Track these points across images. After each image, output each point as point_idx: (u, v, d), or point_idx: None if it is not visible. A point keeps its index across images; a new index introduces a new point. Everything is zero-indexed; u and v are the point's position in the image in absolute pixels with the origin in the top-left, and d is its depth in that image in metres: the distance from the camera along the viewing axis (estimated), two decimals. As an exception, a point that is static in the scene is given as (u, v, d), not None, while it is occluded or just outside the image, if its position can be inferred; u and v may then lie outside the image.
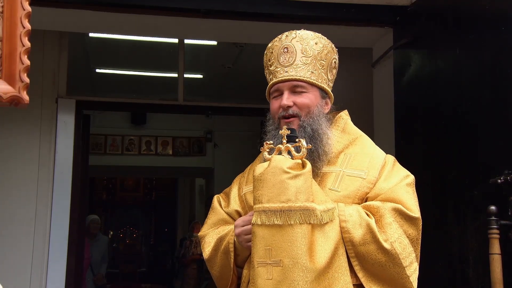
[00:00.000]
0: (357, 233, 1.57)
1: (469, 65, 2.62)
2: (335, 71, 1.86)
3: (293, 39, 1.77)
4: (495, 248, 2.24)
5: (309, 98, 1.75)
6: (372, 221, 1.59)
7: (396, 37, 3.37)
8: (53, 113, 4.27)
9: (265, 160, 1.63)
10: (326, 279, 1.51)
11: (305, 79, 1.74)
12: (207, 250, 1.82)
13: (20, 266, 3.99)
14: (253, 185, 1.60)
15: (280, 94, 1.77)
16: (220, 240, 1.78)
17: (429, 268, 2.71)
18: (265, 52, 1.87)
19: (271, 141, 1.67)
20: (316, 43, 1.77)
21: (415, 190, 1.72)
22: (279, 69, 1.77)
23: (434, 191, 2.80)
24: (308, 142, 1.64)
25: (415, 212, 1.64)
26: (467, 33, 2.65)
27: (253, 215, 1.58)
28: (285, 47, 1.77)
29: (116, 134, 8.88)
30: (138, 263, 13.43)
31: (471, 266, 2.48)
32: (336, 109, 1.89)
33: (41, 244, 4.08)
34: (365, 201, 1.68)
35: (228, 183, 2.02)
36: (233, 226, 1.75)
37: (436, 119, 2.86)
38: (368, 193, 1.68)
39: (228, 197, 1.92)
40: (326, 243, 1.53)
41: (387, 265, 1.57)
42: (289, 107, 1.74)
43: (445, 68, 2.83)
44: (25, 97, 1.07)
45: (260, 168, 1.58)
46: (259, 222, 1.53)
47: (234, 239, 1.73)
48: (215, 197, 1.96)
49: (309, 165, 1.57)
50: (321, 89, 1.79)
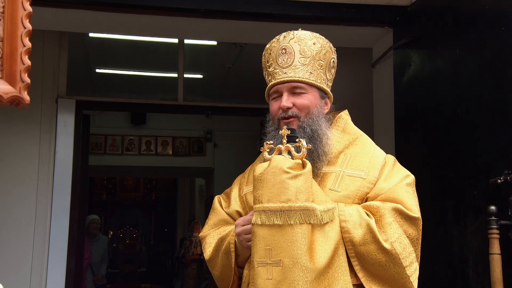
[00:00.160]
0: (357, 233, 1.57)
1: (469, 65, 2.61)
2: (333, 70, 1.86)
3: (291, 39, 1.77)
4: (495, 248, 2.24)
5: (308, 99, 1.75)
6: (372, 221, 1.59)
7: (396, 37, 3.37)
8: (53, 113, 4.27)
9: (265, 160, 1.63)
10: (326, 279, 1.51)
11: (304, 80, 1.74)
12: (208, 250, 1.82)
13: (20, 266, 3.98)
14: (253, 185, 1.60)
15: (279, 95, 1.77)
16: (221, 241, 1.78)
17: (429, 268, 2.71)
18: (263, 53, 1.86)
19: (271, 141, 1.67)
20: (314, 43, 1.77)
21: (415, 190, 1.72)
22: (277, 70, 1.77)
23: (434, 191, 2.80)
24: (307, 143, 1.64)
25: (415, 212, 1.64)
26: (467, 33, 2.65)
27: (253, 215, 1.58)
28: (283, 48, 1.76)
29: (116, 134, 8.88)
30: (138, 263, 13.44)
31: (471, 266, 2.48)
32: (336, 108, 1.89)
33: (41, 244, 4.07)
34: (365, 201, 1.68)
35: (228, 183, 2.02)
36: (233, 227, 1.75)
37: (436, 119, 2.85)
38: (368, 193, 1.68)
39: (228, 198, 1.92)
40: (326, 243, 1.53)
41: (387, 265, 1.57)
42: (289, 108, 1.74)
43: (445, 68, 2.83)
44: (26, 97, 1.07)
45: (260, 168, 1.58)
46: (259, 222, 1.53)
47: (235, 239, 1.73)
48: (216, 198, 1.96)
49: (309, 165, 1.57)
50: (320, 90, 1.79)
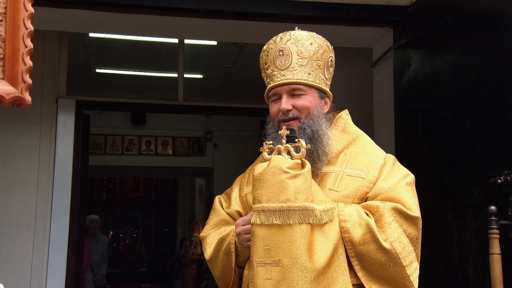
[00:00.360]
0: (357, 233, 1.57)
1: (469, 65, 2.61)
2: (332, 69, 1.85)
3: (287, 41, 1.76)
4: (495, 248, 2.24)
5: (308, 100, 1.75)
6: (372, 221, 1.59)
7: (396, 37, 3.37)
8: (53, 113, 4.27)
9: (265, 161, 1.63)
10: (325, 279, 1.51)
11: (302, 81, 1.74)
12: (208, 251, 1.82)
13: (20, 266, 3.98)
14: (252, 185, 1.60)
15: (279, 97, 1.77)
16: (222, 241, 1.78)
17: (429, 268, 2.71)
18: (260, 55, 1.86)
19: (271, 142, 1.67)
20: (311, 43, 1.76)
21: (415, 189, 1.72)
22: (275, 72, 1.77)
23: (434, 191, 2.80)
24: (308, 143, 1.64)
25: (415, 211, 1.64)
26: (467, 33, 2.65)
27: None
28: (280, 50, 1.76)
29: (116, 134, 8.88)
30: (138, 263, 13.44)
31: (471, 266, 2.48)
32: (336, 108, 1.89)
33: (41, 244, 4.07)
34: (365, 200, 1.68)
35: (228, 183, 2.02)
36: (234, 227, 1.75)
37: (436, 119, 2.85)
38: (368, 192, 1.68)
39: (229, 198, 1.92)
40: (325, 243, 1.53)
41: (387, 265, 1.57)
42: (289, 110, 1.73)
43: (445, 68, 2.83)
44: (27, 98, 1.07)
45: (259, 168, 1.58)
46: (258, 222, 1.53)
47: (235, 239, 1.73)
48: (217, 198, 1.96)
49: (308, 165, 1.57)
50: (319, 90, 1.78)
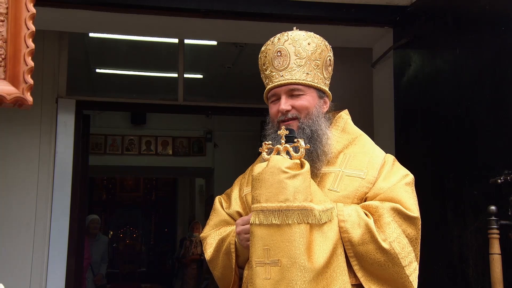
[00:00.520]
0: (356, 233, 1.57)
1: (469, 65, 2.61)
2: (330, 68, 1.85)
3: (285, 41, 1.76)
4: (495, 248, 2.24)
5: (307, 100, 1.75)
6: (371, 221, 1.58)
7: (396, 37, 3.37)
8: (53, 113, 4.27)
9: (264, 161, 1.63)
10: (324, 279, 1.51)
11: (301, 82, 1.74)
12: (209, 251, 1.82)
13: (20, 266, 3.98)
14: (251, 185, 1.60)
15: (278, 98, 1.77)
16: (222, 241, 1.78)
17: (429, 268, 2.71)
18: (259, 56, 1.86)
19: (270, 142, 1.67)
20: (309, 43, 1.76)
21: (414, 189, 1.71)
22: (274, 73, 1.77)
23: (434, 191, 2.79)
24: (307, 143, 1.64)
25: (414, 211, 1.64)
26: (467, 33, 2.65)
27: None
28: (278, 51, 1.76)
29: (116, 134, 8.88)
30: (138, 263, 13.44)
31: (471, 266, 2.48)
32: (336, 108, 1.89)
33: (41, 244, 4.07)
34: (365, 201, 1.68)
35: (228, 183, 2.02)
36: (234, 227, 1.75)
37: (436, 119, 2.85)
38: (367, 193, 1.68)
39: (229, 198, 1.92)
40: (324, 243, 1.53)
41: (386, 265, 1.57)
42: (288, 111, 1.74)
43: (445, 68, 2.83)
44: (28, 98, 1.07)
45: (258, 168, 1.58)
46: (257, 222, 1.53)
47: (235, 239, 1.73)
48: (217, 198, 1.96)
49: (307, 165, 1.57)
50: (318, 89, 1.78)
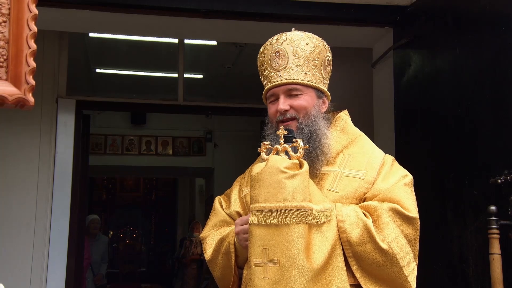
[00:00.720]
0: (355, 233, 1.57)
1: (469, 65, 2.61)
2: (329, 68, 1.85)
3: (283, 42, 1.76)
4: (495, 248, 2.24)
5: (305, 100, 1.75)
6: (369, 221, 1.59)
7: (396, 37, 3.37)
8: (53, 113, 4.27)
9: (263, 161, 1.63)
10: (323, 279, 1.51)
11: (299, 81, 1.74)
12: (208, 251, 1.82)
13: (20, 266, 3.98)
14: (250, 185, 1.60)
15: (276, 98, 1.77)
16: (221, 241, 1.79)
17: (429, 268, 2.71)
18: (258, 57, 1.86)
19: (269, 142, 1.67)
20: (307, 44, 1.76)
21: (413, 190, 1.71)
22: (272, 73, 1.77)
23: (434, 191, 2.79)
24: (306, 143, 1.64)
25: (413, 212, 1.64)
26: (467, 33, 2.65)
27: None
28: (277, 51, 1.76)
29: (116, 134, 8.88)
30: (138, 263, 13.44)
31: (471, 266, 2.48)
32: (336, 108, 1.89)
33: (41, 244, 4.07)
34: (363, 201, 1.68)
35: (228, 183, 2.02)
36: (233, 227, 1.75)
37: (436, 119, 2.85)
38: (366, 193, 1.68)
39: (229, 199, 1.92)
40: (323, 243, 1.53)
41: (384, 265, 1.57)
42: (286, 111, 1.74)
43: (445, 68, 2.83)
44: (30, 99, 1.06)
45: (257, 168, 1.58)
46: (255, 222, 1.53)
47: (235, 239, 1.73)
48: (216, 199, 1.97)
49: (306, 165, 1.57)
50: (317, 89, 1.79)
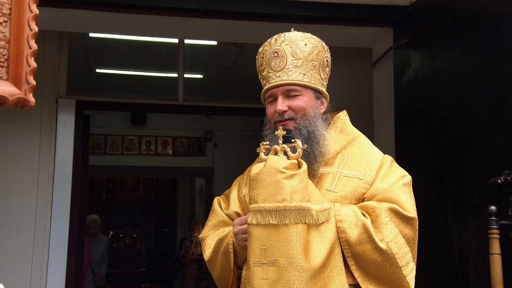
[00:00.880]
0: (353, 233, 1.57)
1: (469, 65, 2.61)
2: (328, 69, 1.85)
3: (282, 42, 1.76)
4: (495, 248, 2.24)
5: (303, 100, 1.75)
6: (368, 221, 1.59)
7: (396, 37, 3.37)
8: (53, 113, 4.27)
9: (261, 161, 1.63)
10: (321, 279, 1.51)
11: (297, 82, 1.74)
12: (207, 252, 1.83)
13: (20, 266, 3.98)
14: (249, 185, 1.60)
15: (275, 99, 1.77)
16: (220, 242, 1.79)
17: (429, 268, 2.71)
18: (256, 57, 1.86)
19: (267, 142, 1.67)
20: (305, 44, 1.76)
21: (412, 190, 1.71)
22: (271, 74, 1.77)
23: (434, 191, 2.79)
24: (304, 144, 1.64)
25: (411, 212, 1.64)
26: (467, 33, 2.65)
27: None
28: (275, 52, 1.76)
29: (116, 134, 8.88)
30: (138, 263, 13.45)
31: (471, 266, 2.48)
32: (336, 108, 1.89)
33: (41, 244, 4.07)
34: (362, 201, 1.68)
35: (228, 183, 2.02)
36: (232, 228, 1.75)
37: (436, 119, 2.85)
38: (365, 193, 1.68)
39: (228, 199, 1.92)
40: (321, 243, 1.53)
41: (383, 265, 1.57)
42: (284, 112, 1.74)
43: (445, 68, 2.83)
44: (31, 99, 1.06)
45: (256, 168, 1.58)
46: (254, 222, 1.53)
47: (234, 240, 1.73)
48: (216, 199, 1.97)
49: (304, 165, 1.57)
50: (315, 90, 1.79)
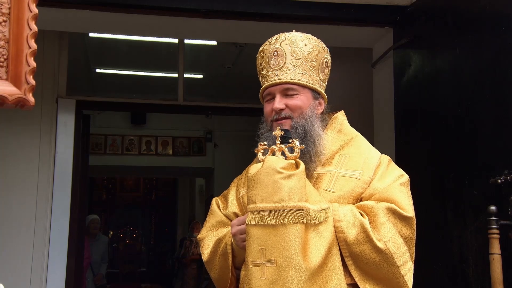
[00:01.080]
0: (351, 233, 1.57)
1: (469, 65, 2.61)
2: (327, 70, 1.86)
3: (282, 42, 1.77)
4: (495, 248, 2.24)
5: (301, 100, 1.75)
6: (366, 221, 1.59)
7: (396, 37, 3.37)
8: (53, 113, 4.27)
9: (259, 161, 1.63)
10: (320, 279, 1.51)
11: (295, 81, 1.75)
12: (206, 252, 1.83)
13: (20, 266, 3.98)
14: (247, 186, 1.60)
15: (273, 97, 1.78)
16: (218, 242, 1.79)
17: (429, 268, 2.71)
18: (257, 56, 1.87)
19: (265, 142, 1.67)
20: (305, 44, 1.77)
21: (409, 189, 1.72)
22: (270, 72, 1.78)
23: (434, 191, 2.80)
24: (300, 143, 1.64)
25: (409, 211, 1.64)
26: (467, 33, 2.65)
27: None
28: (275, 51, 1.77)
29: (116, 134, 8.88)
30: (138, 263, 13.45)
31: (471, 266, 2.48)
32: (335, 108, 1.89)
33: (41, 244, 4.07)
34: (360, 201, 1.68)
35: (228, 183, 2.02)
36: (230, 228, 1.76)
37: (436, 119, 2.85)
38: (363, 193, 1.68)
39: (226, 200, 1.93)
40: (320, 242, 1.53)
41: (381, 265, 1.57)
42: (281, 110, 1.74)
43: (445, 68, 2.83)
44: (30, 99, 1.06)
45: (254, 168, 1.59)
46: (252, 222, 1.53)
47: (232, 240, 1.73)
48: (214, 200, 1.97)
49: (302, 165, 1.57)
50: (313, 90, 1.79)
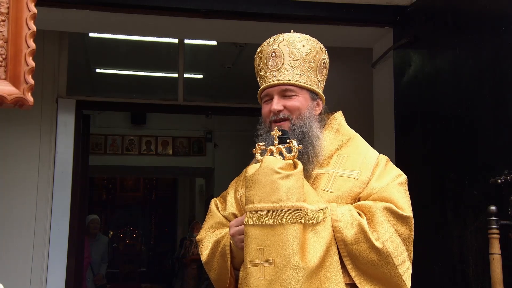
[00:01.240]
0: (349, 233, 1.58)
1: (469, 65, 2.61)
2: (325, 71, 1.86)
3: (280, 43, 1.77)
4: (495, 248, 2.24)
5: (299, 101, 1.76)
6: (364, 221, 1.59)
7: (396, 37, 3.37)
8: (53, 113, 4.27)
9: (257, 162, 1.63)
10: (318, 278, 1.51)
11: (293, 82, 1.75)
12: (204, 253, 1.83)
13: (20, 266, 3.98)
14: (245, 186, 1.61)
15: (271, 98, 1.78)
16: (217, 243, 1.79)
17: (429, 268, 2.71)
18: (255, 57, 1.87)
19: (263, 143, 1.68)
20: (303, 45, 1.77)
21: (407, 189, 1.72)
22: (268, 73, 1.78)
23: (434, 191, 2.80)
24: (298, 144, 1.64)
25: (407, 211, 1.64)
26: (467, 33, 2.65)
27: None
28: (273, 52, 1.77)
29: (116, 134, 8.88)
30: (138, 263, 13.45)
31: (471, 266, 2.48)
32: (335, 108, 1.90)
33: (41, 244, 4.07)
34: (358, 201, 1.69)
35: (228, 183, 2.02)
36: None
37: (436, 119, 2.85)
38: (361, 193, 1.69)
39: (225, 201, 1.93)
40: (318, 242, 1.54)
41: (379, 264, 1.58)
42: (280, 111, 1.75)
43: (445, 68, 2.83)
44: (29, 98, 1.06)
45: (252, 169, 1.59)
46: (250, 222, 1.54)
47: (230, 241, 1.74)
48: (212, 201, 1.97)
49: (300, 166, 1.58)
50: (311, 91, 1.79)
